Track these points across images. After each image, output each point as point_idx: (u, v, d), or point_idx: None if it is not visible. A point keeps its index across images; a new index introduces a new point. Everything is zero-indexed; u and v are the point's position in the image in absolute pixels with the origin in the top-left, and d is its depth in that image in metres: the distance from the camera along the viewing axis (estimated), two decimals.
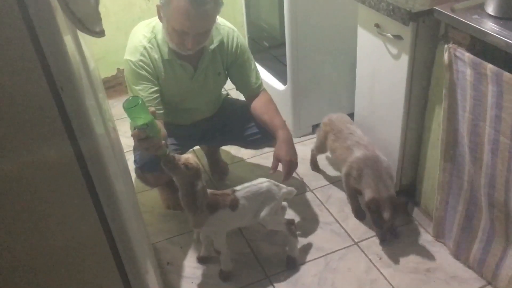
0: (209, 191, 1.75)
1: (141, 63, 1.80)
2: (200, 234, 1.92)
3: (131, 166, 2.05)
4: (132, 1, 2.95)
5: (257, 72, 2.03)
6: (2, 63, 0.82)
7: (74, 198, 1.00)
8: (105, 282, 1.17)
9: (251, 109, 2.01)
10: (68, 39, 0.92)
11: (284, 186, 1.81)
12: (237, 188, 1.79)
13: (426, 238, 1.98)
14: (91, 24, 0.93)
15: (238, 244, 2.02)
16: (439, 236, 1.94)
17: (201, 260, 1.95)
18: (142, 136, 1.52)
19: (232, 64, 1.98)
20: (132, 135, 1.56)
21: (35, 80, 0.85)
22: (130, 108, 1.44)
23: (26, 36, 0.81)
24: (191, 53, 1.80)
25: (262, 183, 1.79)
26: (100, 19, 0.98)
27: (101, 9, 1.04)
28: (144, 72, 1.81)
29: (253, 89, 2.02)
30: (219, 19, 1.91)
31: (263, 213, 1.76)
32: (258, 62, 2.82)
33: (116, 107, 2.71)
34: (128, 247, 1.14)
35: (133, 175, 2.07)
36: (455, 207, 1.78)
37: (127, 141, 2.33)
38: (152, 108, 1.58)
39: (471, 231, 1.75)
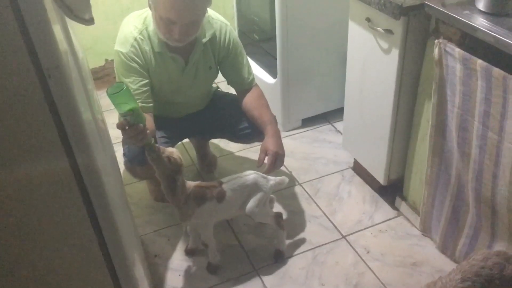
0: (196, 183, 1.75)
1: (131, 55, 1.78)
2: (188, 226, 1.91)
3: (119, 157, 2.03)
4: None
5: (249, 67, 2.02)
6: None
7: (61, 188, 0.99)
8: (92, 274, 1.16)
9: (242, 104, 2.00)
10: (56, 27, 0.90)
11: (272, 177, 1.81)
12: (224, 179, 1.78)
13: (413, 232, 1.99)
14: (80, 11, 0.92)
15: (226, 237, 2.02)
16: (426, 230, 1.95)
17: (188, 252, 1.95)
18: (127, 124, 1.50)
19: (224, 58, 1.96)
20: (117, 125, 1.54)
21: (22, 68, 0.83)
22: (114, 94, 1.42)
23: (14, 23, 0.80)
24: (180, 44, 1.78)
25: (249, 174, 1.79)
26: (89, 6, 0.96)
27: None
28: (134, 65, 1.79)
29: (245, 84, 2.00)
30: (212, 13, 1.89)
31: (250, 205, 1.75)
32: (248, 55, 2.80)
33: (104, 98, 2.66)
34: (115, 239, 1.13)
35: (121, 166, 2.05)
36: (442, 202, 1.80)
37: (115, 133, 2.30)
38: (140, 104, 1.57)
39: (457, 225, 1.77)
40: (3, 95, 0.84)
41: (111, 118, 2.44)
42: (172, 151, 1.63)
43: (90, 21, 0.95)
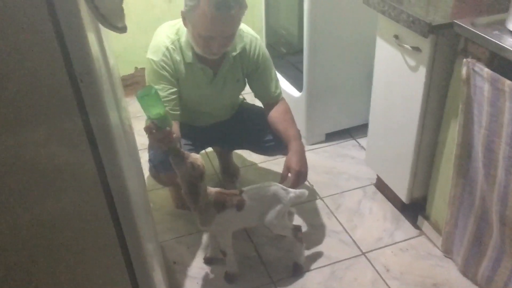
0: (217, 189, 1.77)
1: (162, 63, 1.82)
2: (208, 234, 1.92)
3: (144, 164, 2.07)
4: (153, 2, 2.99)
5: (277, 81, 2.04)
6: (27, 54, 0.83)
7: (86, 191, 1.01)
8: (113, 277, 1.18)
9: (268, 117, 2.02)
10: (91, 35, 0.93)
11: (292, 190, 1.81)
12: (245, 188, 1.80)
13: (434, 253, 1.96)
14: (114, 19, 0.95)
15: (245, 247, 2.02)
16: (447, 251, 1.92)
17: (207, 260, 1.96)
18: (154, 127, 1.54)
19: (253, 72, 1.99)
20: (144, 128, 1.58)
21: (56, 71, 0.86)
22: (144, 97, 1.46)
23: (50, 29, 0.83)
24: (216, 57, 1.82)
25: (270, 186, 1.79)
26: (123, 15, 0.99)
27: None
28: (164, 73, 1.83)
29: (271, 97, 2.02)
30: (243, 27, 1.92)
31: (269, 216, 1.76)
32: (274, 68, 2.84)
33: (132, 105, 2.73)
34: (137, 242, 1.14)
35: (145, 172, 2.09)
36: (465, 223, 1.77)
37: (141, 140, 2.35)
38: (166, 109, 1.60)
39: (480, 248, 1.73)
40: (36, 98, 0.88)
41: (138, 125, 2.48)
42: (197, 157, 1.65)
43: (122, 29, 0.98)
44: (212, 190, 1.75)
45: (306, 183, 2.34)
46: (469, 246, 1.78)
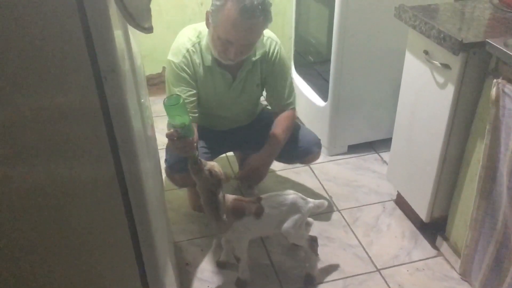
0: (235, 197, 1.76)
1: (182, 65, 1.84)
2: (222, 238, 1.92)
3: (163, 163, 2.08)
4: (185, 3, 3.01)
5: (291, 91, 2.02)
6: (53, 48, 0.85)
7: (103, 185, 1.02)
8: (123, 273, 1.18)
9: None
10: (118, 33, 0.94)
11: (311, 200, 1.80)
12: (263, 196, 1.79)
13: (451, 275, 1.91)
14: (141, 19, 0.96)
15: (259, 254, 2.01)
16: (465, 274, 1.87)
17: (220, 264, 1.95)
18: (176, 135, 1.55)
19: (269, 74, 1.98)
20: (167, 134, 1.59)
21: (82, 68, 0.88)
22: (171, 106, 1.48)
23: (78, 25, 0.84)
24: (232, 63, 1.82)
25: (289, 194, 1.78)
26: (150, 16, 1.00)
27: (154, 7, 1.07)
28: (184, 75, 1.84)
29: (282, 105, 2.01)
30: (265, 31, 1.92)
31: (287, 225, 1.75)
32: (301, 76, 2.83)
33: (157, 104, 2.75)
34: (149, 240, 1.15)
35: (164, 172, 2.10)
36: (485, 247, 1.72)
37: (163, 139, 2.36)
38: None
39: (499, 274, 1.68)
40: (60, 92, 0.89)
41: (160, 124, 2.51)
42: (213, 165, 1.66)
43: (149, 29, 0.99)
44: (229, 196, 1.74)
45: (324, 193, 2.32)
46: (488, 271, 1.73)
